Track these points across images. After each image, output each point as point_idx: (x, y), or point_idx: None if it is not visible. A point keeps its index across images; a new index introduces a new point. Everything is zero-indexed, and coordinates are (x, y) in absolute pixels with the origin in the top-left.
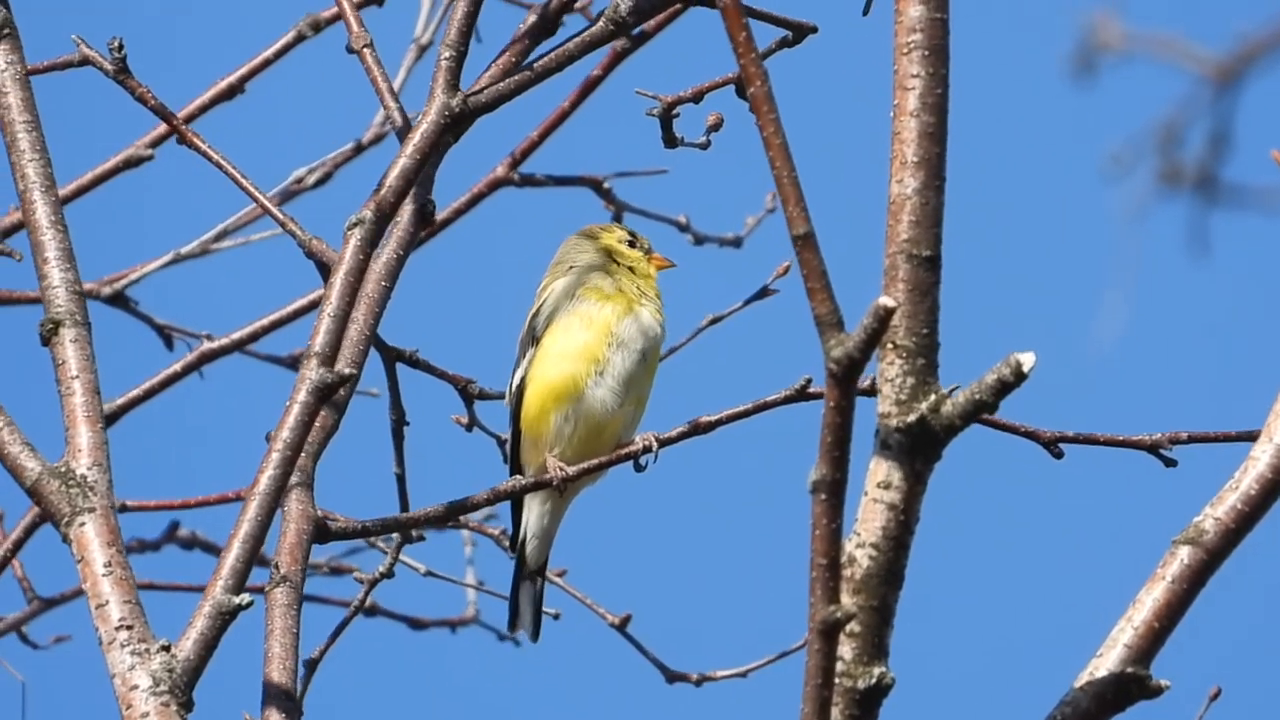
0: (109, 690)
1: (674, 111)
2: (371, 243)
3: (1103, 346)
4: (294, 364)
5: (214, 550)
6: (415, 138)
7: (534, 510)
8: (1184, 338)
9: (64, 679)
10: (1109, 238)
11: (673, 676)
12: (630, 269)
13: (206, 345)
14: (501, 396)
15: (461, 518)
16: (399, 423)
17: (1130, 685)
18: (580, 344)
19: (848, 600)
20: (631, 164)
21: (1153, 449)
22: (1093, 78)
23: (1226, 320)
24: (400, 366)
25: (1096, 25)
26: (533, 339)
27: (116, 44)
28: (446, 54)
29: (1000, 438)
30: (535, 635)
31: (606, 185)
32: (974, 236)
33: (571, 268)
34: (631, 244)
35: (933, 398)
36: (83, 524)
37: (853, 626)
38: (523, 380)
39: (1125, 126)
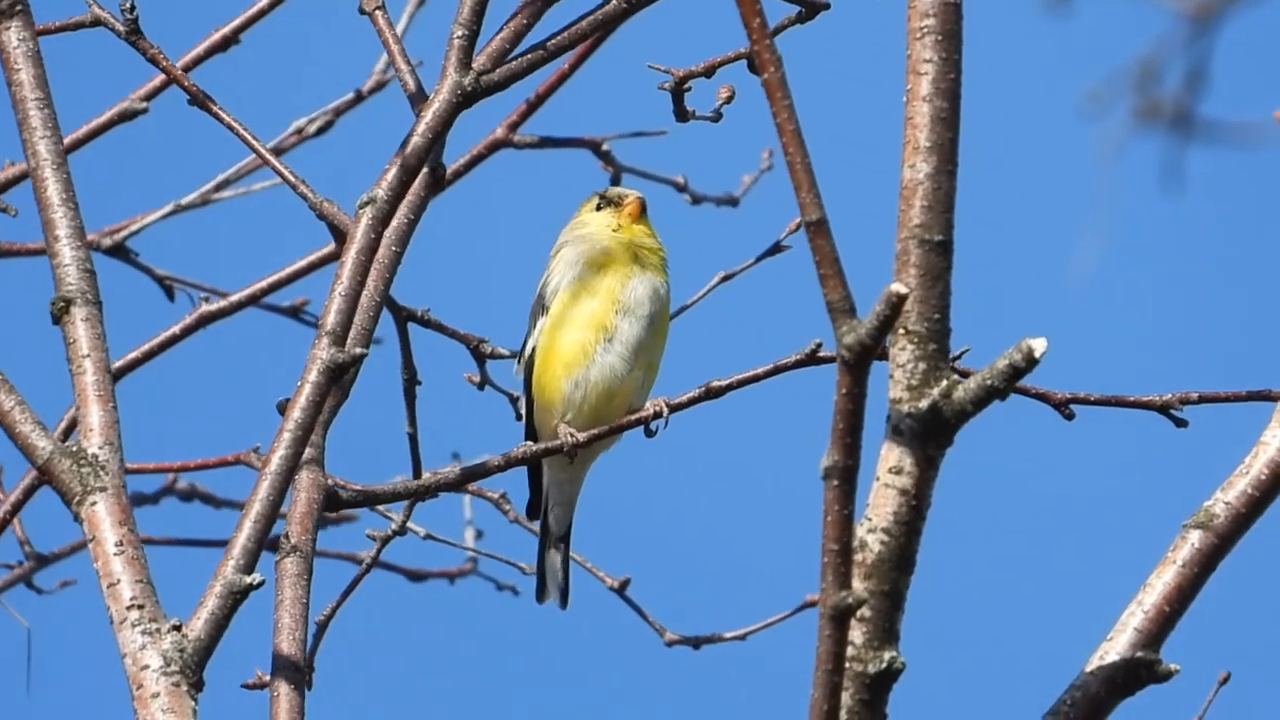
0: (111, 638)
1: (686, 85)
2: (384, 221)
3: (1078, 283)
4: (294, 313)
5: (214, 503)
6: (428, 116)
7: (553, 478)
8: (1158, 277)
9: (67, 626)
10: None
11: (671, 640)
12: (618, 229)
13: (205, 308)
14: (513, 356)
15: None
16: (411, 382)
17: (1140, 669)
18: (588, 312)
19: (859, 585)
20: (631, 125)
21: (1163, 409)
22: (1067, 10)
23: (1203, 259)
24: (412, 326)
25: None
26: (542, 308)
27: (128, 5)
28: (459, 33)
29: (1006, 415)
30: (564, 603)
31: (605, 147)
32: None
33: (573, 237)
34: (600, 206)
35: (944, 383)
36: (94, 503)
37: (864, 612)
38: (534, 349)
39: (1103, 63)
